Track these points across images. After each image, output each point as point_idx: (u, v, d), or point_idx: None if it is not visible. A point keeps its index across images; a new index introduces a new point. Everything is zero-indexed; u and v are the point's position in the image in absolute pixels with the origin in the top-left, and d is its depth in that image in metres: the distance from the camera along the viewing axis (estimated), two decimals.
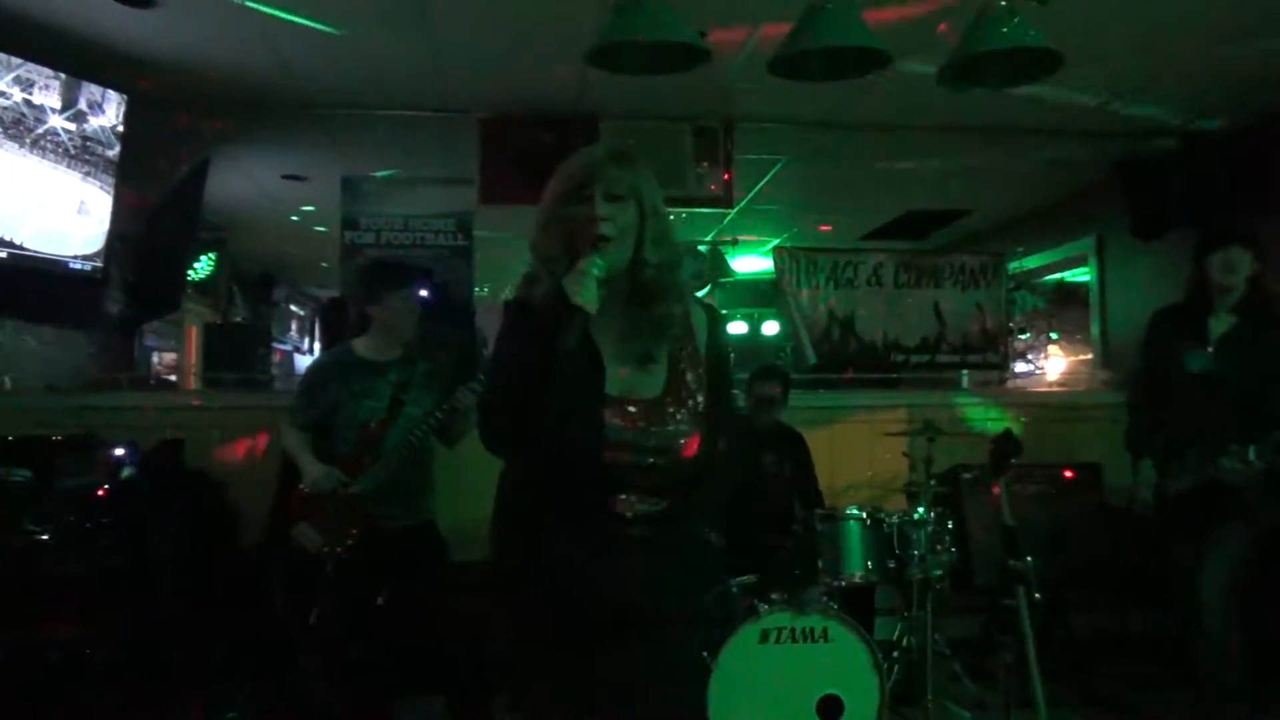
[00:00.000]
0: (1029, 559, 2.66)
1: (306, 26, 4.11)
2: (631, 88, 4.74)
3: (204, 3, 3.91)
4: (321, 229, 6.91)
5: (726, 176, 5.21)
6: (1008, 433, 2.86)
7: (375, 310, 3.34)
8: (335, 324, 4.53)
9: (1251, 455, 2.87)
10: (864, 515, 3.56)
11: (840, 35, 2.81)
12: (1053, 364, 8.29)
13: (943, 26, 3.92)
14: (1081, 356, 7.59)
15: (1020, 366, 7.28)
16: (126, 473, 4.13)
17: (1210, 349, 3.11)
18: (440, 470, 3.53)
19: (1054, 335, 7.77)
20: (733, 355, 2.00)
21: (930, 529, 3.58)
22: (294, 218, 7.18)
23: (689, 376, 1.80)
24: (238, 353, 6.99)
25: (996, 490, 2.80)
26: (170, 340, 8.19)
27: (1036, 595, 2.68)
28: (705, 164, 5.21)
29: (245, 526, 4.50)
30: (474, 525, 4.46)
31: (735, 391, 1.96)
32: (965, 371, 6.96)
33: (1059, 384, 7.07)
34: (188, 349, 8.00)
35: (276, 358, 9.14)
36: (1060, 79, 4.60)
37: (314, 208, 6.85)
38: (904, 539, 3.58)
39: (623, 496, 1.73)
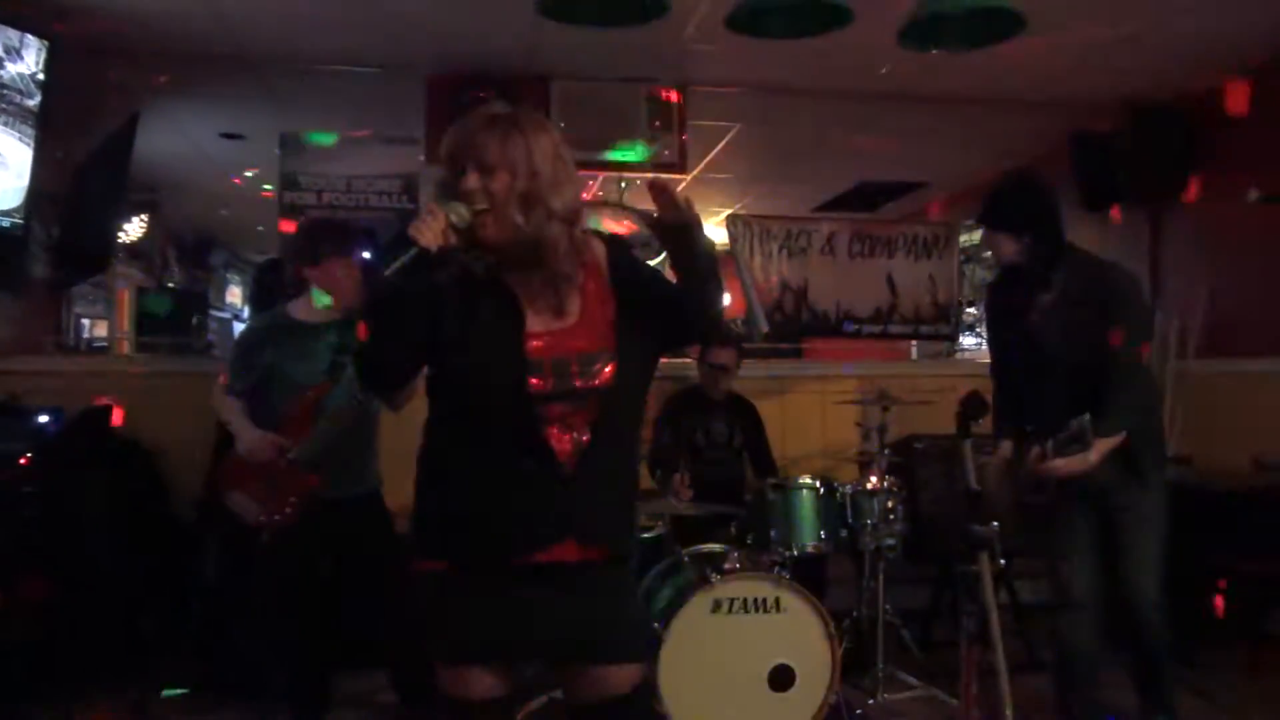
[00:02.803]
0: (995, 524, 2.59)
1: None
2: (584, 48, 4.64)
3: None
4: (267, 187, 6.68)
5: (683, 138, 5.11)
6: (974, 394, 2.76)
7: (314, 274, 3.19)
8: (271, 287, 4.35)
9: (1050, 449, 2.71)
10: (817, 485, 3.52)
11: None
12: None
13: None
14: None
15: (968, 340, 7.33)
16: (51, 439, 3.95)
17: (1033, 322, 2.92)
18: (384, 440, 3.41)
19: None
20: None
21: (883, 498, 3.56)
22: (233, 179, 6.93)
23: (597, 307, 1.79)
24: (172, 317, 6.76)
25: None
26: (100, 306, 7.90)
27: (1001, 561, 2.62)
28: (659, 128, 5.10)
29: (179, 496, 4.34)
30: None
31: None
32: (914, 343, 7.01)
33: None
34: (119, 314, 7.71)
35: (213, 324, 8.87)
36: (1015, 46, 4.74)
37: (253, 168, 6.61)
38: (856, 508, 3.56)
39: (552, 429, 1.72)
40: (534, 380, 1.70)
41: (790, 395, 5.09)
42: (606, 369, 1.74)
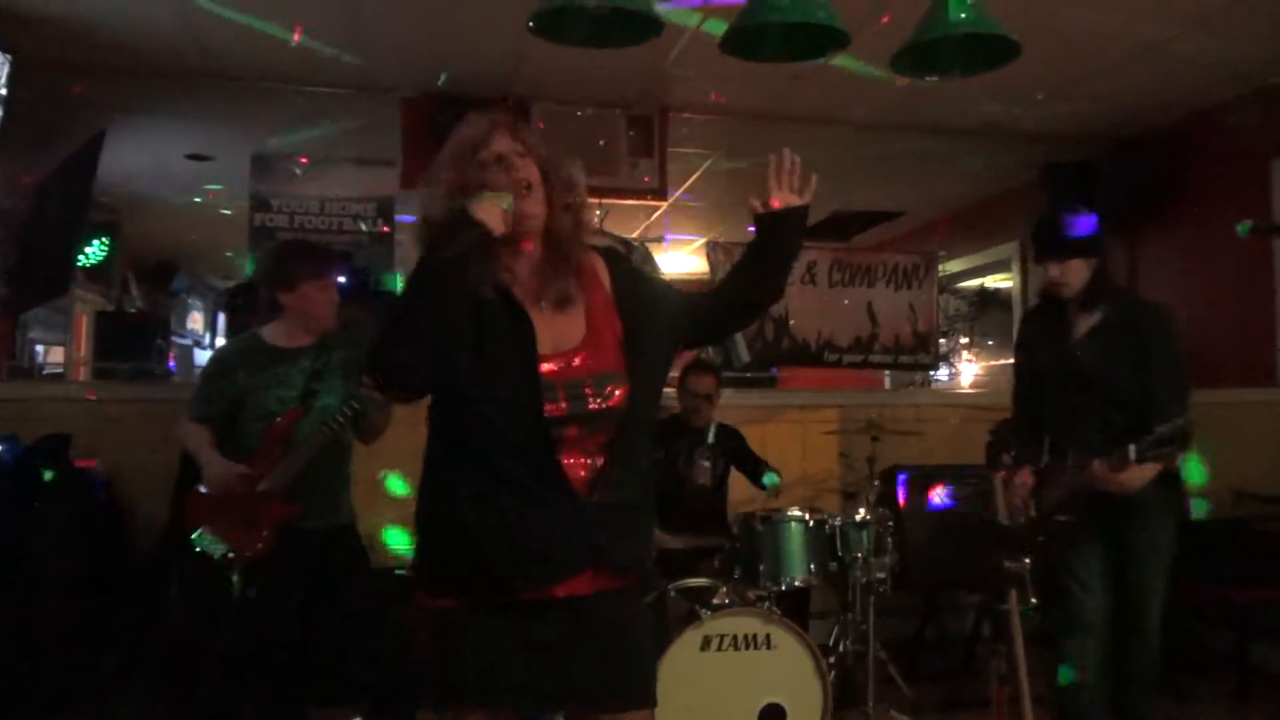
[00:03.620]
0: (1025, 560, 2.52)
1: None
2: (565, 71, 4.58)
3: None
4: (226, 211, 6.53)
5: (662, 166, 5.07)
6: (1005, 423, 2.73)
7: (289, 298, 3.07)
8: (242, 312, 4.22)
9: (1132, 454, 2.66)
10: (806, 517, 3.44)
11: (801, 11, 2.67)
12: (966, 369, 8.40)
13: (887, 17, 3.85)
14: (1001, 361, 7.70)
15: (939, 372, 7.34)
16: (4, 468, 3.77)
17: (1075, 347, 2.97)
18: (357, 474, 3.29)
19: (965, 339, 7.87)
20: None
21: (872, 530, 3.49)
22: (197, 199, 6.76)
23: (604, 324, 1.74)
24: (133, 342, 6.56)
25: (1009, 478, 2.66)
26: (57, 332, 7.66)
27: (1033, 600, 2.55)
28: (639, 154, 5.05)
29: (140, 527, 4.16)
30: (394, 530, 4.27)
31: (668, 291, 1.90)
32: (888, 373, 7.00)
33: (986, 386, 7.14)
34: (76, 339, 7.48)
35: (175, 351, 8.65)
36: (990, 81, 4.77)
37: (220, 189, 6.46)
38: (846, 540, 3.48)
39: (567, 454, 1.64)
40: (549, 405, 1.62)
41: (771, 424, 5.02)
42: (619, 390, 1.67)
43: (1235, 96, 4.91)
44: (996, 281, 7.29)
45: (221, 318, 7.06)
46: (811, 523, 3.43)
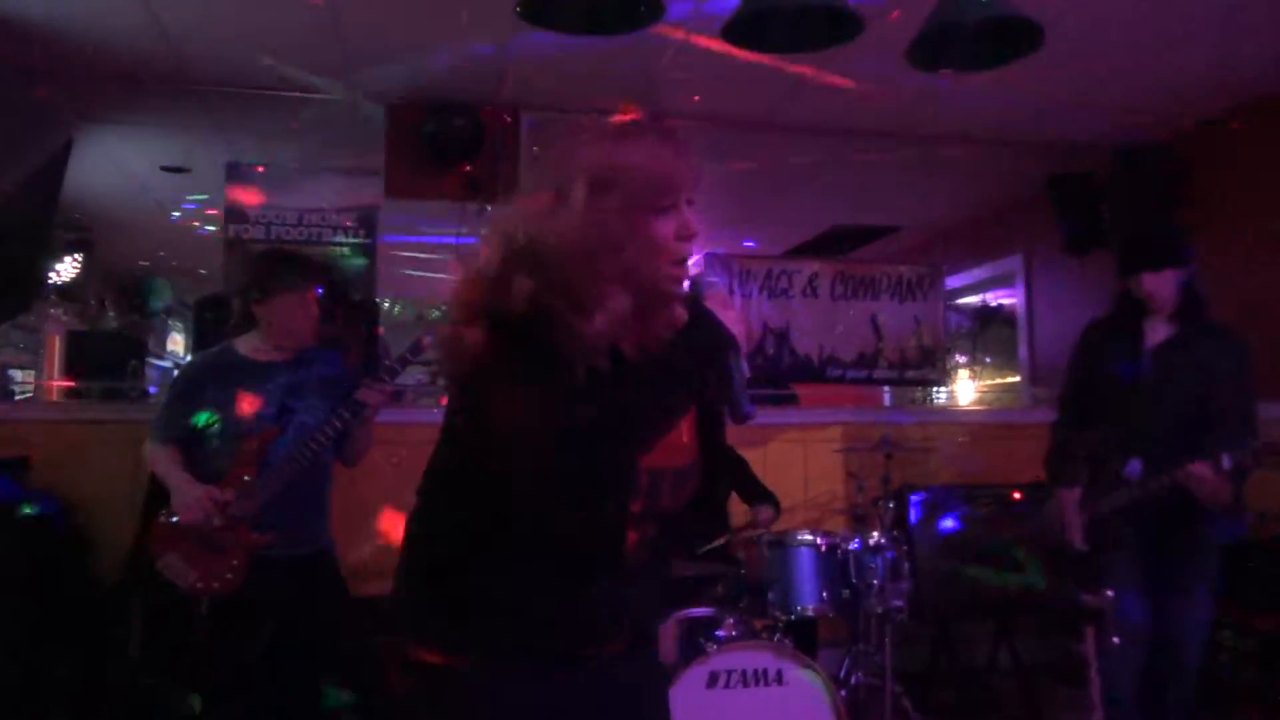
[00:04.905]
0: (1109, 593, 2.28)
1: None
2: (553, 76, 4.39)
3: None
4: (211, 228, 6.28)
5: None
6: (1069, 433, 2.56)
7: (264, 309, 2.85)
8: (212, 325, 3.98)
9: (1225, 462, 2.58)
10: (817, 540, 3.21)
11: None
12: (963, 386, 8.20)
13: (895, 14, 3.67)
14: (1003, 379, 7.51)
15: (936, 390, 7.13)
16: None
17: (1146, 358, 2.88)
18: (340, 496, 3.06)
19: (974, 359, 7.68)
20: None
21: (887, 555, 3.26)
22: (175, 214, 6.52)
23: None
24: (106, 363, 6.30)
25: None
26: (30, 354, 7.40)
27: (1114, 640, 2.31)
28: None
29: (102, 556, 3.90)
30: (373, 556, 4.03)
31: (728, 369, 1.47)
32: (887, 390, 6.79)
33: (987, 404, 6.93)
34: (48, 360, 7.21)
35: (154, 374, 8.38)
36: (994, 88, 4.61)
37: (197, 203, 6.23)
38: (860, 567, 3.25)
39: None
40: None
41: (771, 444, 4.80)
42: (692, 484, 1.45)
43: (1248, 102, 4.73)
44: (998, 299, 7.13)
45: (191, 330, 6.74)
46: (824, 547, 3.20)
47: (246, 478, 2.72)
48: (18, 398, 7.40)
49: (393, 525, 4.04)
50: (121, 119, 4.88)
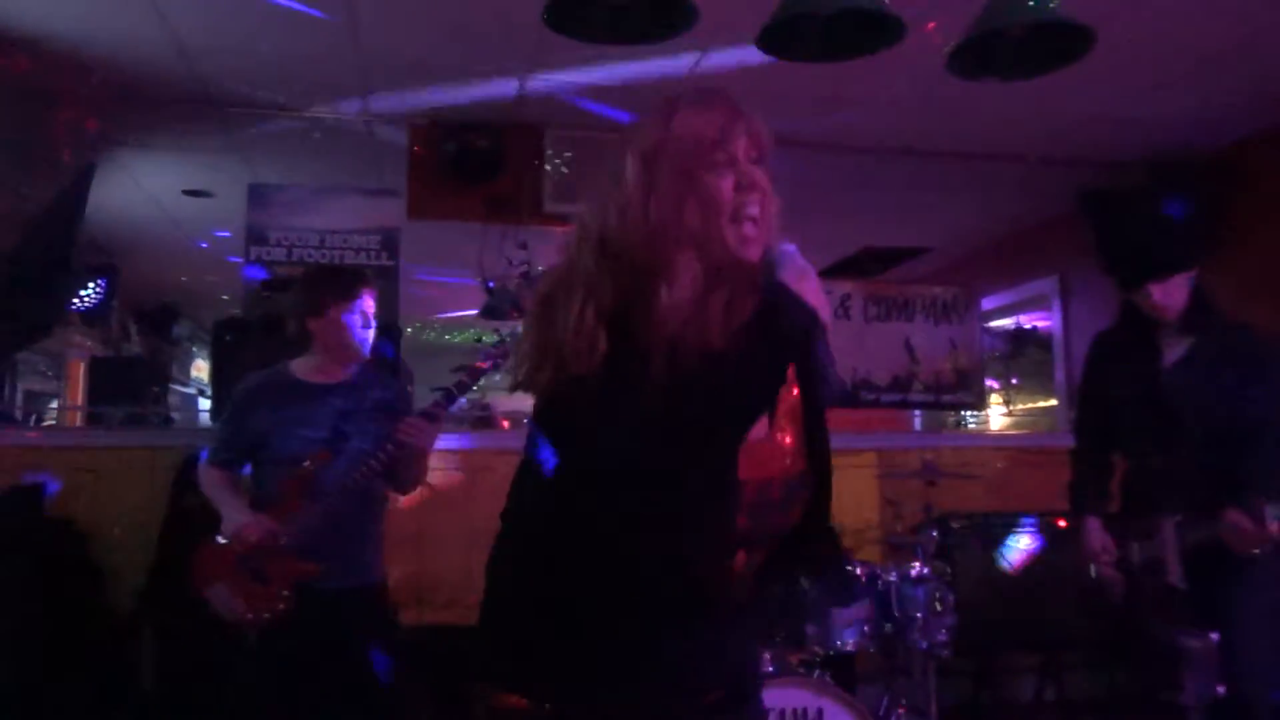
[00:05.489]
0: (1210, 635, 2.09)
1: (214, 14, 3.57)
2: (577, 93, 4.32)
3: None
4: (235, 260, 6.24)
5: None
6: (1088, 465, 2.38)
7: (317, 324, 2.75)
8: (230, 348, 3.90)
9: (1269, 518, 2.30)
10: (857, 571, 3.06)
11: None
12: (994, 411, 7.99)
13: (930, 25, 3.56)
14: (1038, 404, 7.32)
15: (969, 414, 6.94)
16: None
17: (1164, 379, 2.63)
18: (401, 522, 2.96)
19: (1006, 382, 7.50)
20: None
21: (930, 587, 3.10)
22: (203, 244, 6.50)
23: (786, 403, 1.35)
24: (129, 389, 6.27)
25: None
26: (50, 378, 7.38)
27: (1220, 690, 2.12)
28: None
29: (117, 584, 3.81)
30: (423, 582, 3.90)
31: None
32: (917, 413, 6.61)
33: (1021, 428, 6.75)
34: (70, 386, 7.19)
35: (175, 399, 8.36)
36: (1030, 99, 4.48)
37: (220, 229, 6.19)
38: (902, 599, 3.09)
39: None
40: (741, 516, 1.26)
41: None
42: (804, 495, 1.32)
43: None
44: (1032, 322, 6.95)
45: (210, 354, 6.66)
46: (864, 579, 3.04)
47: (297, 504, 2.62)
48: (45, 423, 7.40)
49: (424, 552, 3.93)
50: (144, 142, 4.86)
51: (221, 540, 2.63)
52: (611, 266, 1.23)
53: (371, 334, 2.81)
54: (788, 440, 1.32)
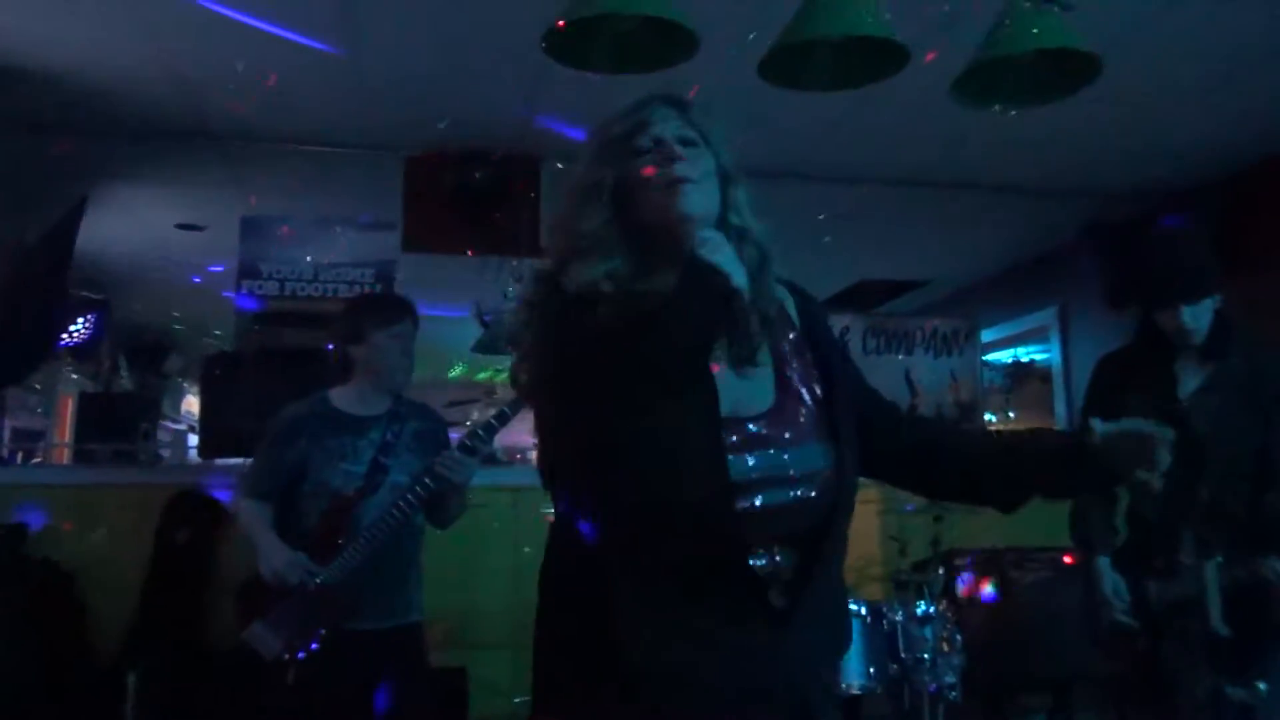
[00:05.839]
0: (1261, 686, 2.00)
1: (210, 44, 3.54)
2: (578, 125, 4.29)
3: (82, 6, 3.30)
4: (229, 294, 6.19)
5: None
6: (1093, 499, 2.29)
7: (359, 351, 2.68)
8: (221, 383, 3.83)
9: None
10: (862, 611, 2.98)
11: (847, 21, 2.34)
12: None
13: (931, 55, 3.54)
14: None
15: None
16: None
17: (1183, 408, 2.49)
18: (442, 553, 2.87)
19: (1004, 416, 7.45)
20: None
21: (938, 626, 3.02)
22: (196, 279, 6.43)
23: (798, 378, 1.34)
24: (118, 425, 6.19)
25: None
26: (40, 415, 7.29)
27: None
28: None
29: (103, 627, 3.71)
30: (456, 619, 3.79)
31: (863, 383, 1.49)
32: None
33: None
34: (60, 423, 7.09)
35: (166, 435, 8.26)
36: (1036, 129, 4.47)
37: (214, 263, 6.13)
38: (909, 639, 3.01)
39: (759, 552, 1.24)
40: (741, 493, 1.22)
41: None
42: (828, 471, 1.28)
43: None
44: (1030, 355, 6.91)
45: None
46: (869, 618, 2.96)
47: (335, 541, 2.53)
48: (33, 460, 7.29)
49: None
50: (137, 174, 4.81)
51: (258, 580, 2.53)
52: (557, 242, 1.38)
53: (410, 361, 2.74)
54: (796, 410, 1.32)
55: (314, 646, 2.48)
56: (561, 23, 2.29)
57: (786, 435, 1.28)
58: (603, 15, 2.28)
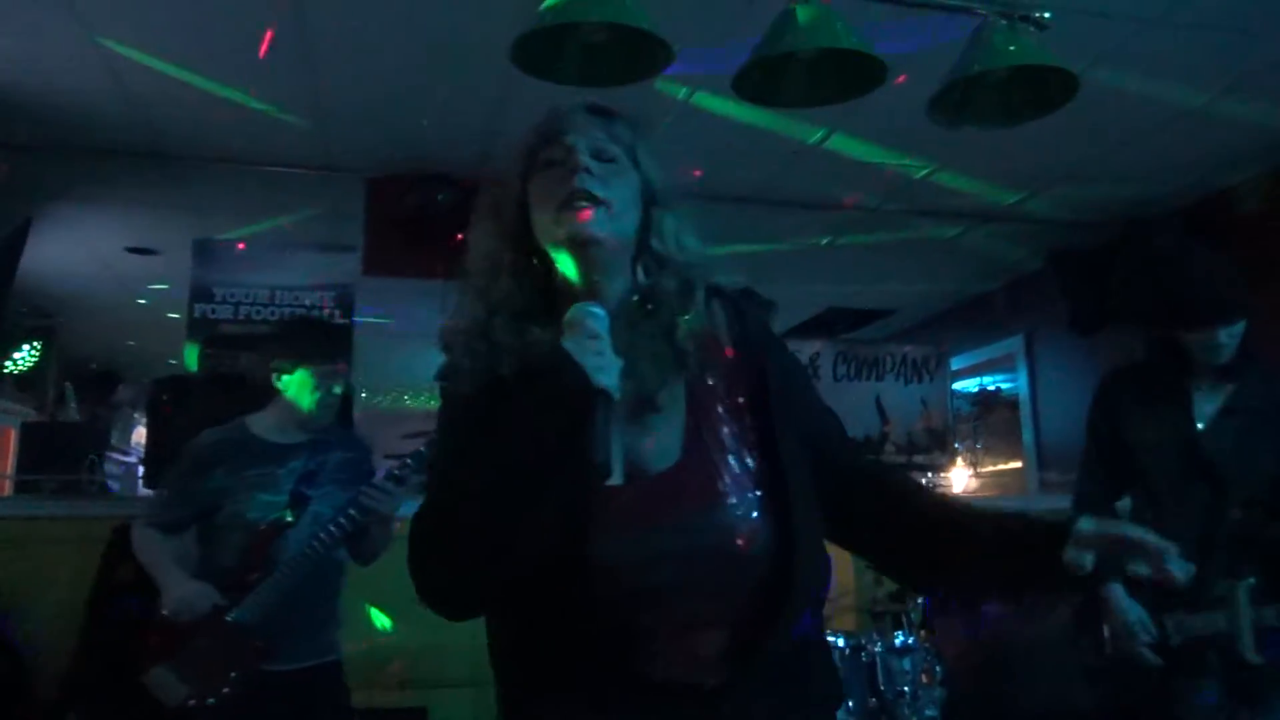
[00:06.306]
0: None
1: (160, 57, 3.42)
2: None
3: (27, 19, 3.17)
4: (175, 316, 6.00)
5: None
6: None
7: (284, 381, 2.56)
8: (168, 408, 3.67)
9: None
10: (840, 642, 2.88)
11: (824, 34, 2.29)
12: (958, 473, 7.90)
13: (902, 78, 3.52)
14: (1001, 465, 7.24)
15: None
16: None
17: (1203, 431, 2.45)
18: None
19: (973, 444, 7.44)
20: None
21: (919, 658, 2.93)
22: (142, 300, 6.24)
23: (717, 416, 1.16)
24: (64, 456, 5.93)
25: None
26: None
27: None
28: None
29: (39, 670, 3.50)
30: (379, 659, 3.63)
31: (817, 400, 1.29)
32: None
33: (988, 490, 6.65)
34: (1, 455, 6.82)
35: (116, 468, 7.98)
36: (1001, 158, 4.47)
37: (167, 287, 5.95)
38: (888, 671, 2.92)
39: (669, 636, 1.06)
40: (613, 573, 1.06)
41: None
42: (757, 530, 1.09)
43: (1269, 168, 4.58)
44: (996, 383, 6.91)
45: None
46: (847, 650, 2.87)
47: (250, 575, 2.39)
48: None
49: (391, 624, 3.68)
50: (86, 195, 4.64)
51: (164, 613, 2.40)
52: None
53: (337, 399, 2.63)
54: (701, 473, 1.14)
55: (225, 691, 2.34)
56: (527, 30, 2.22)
57: (687, 501, 1.09)
58: (572, 24, 2.20)
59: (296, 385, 2.54)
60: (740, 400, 1.18)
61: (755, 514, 1.10)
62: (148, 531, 2.52)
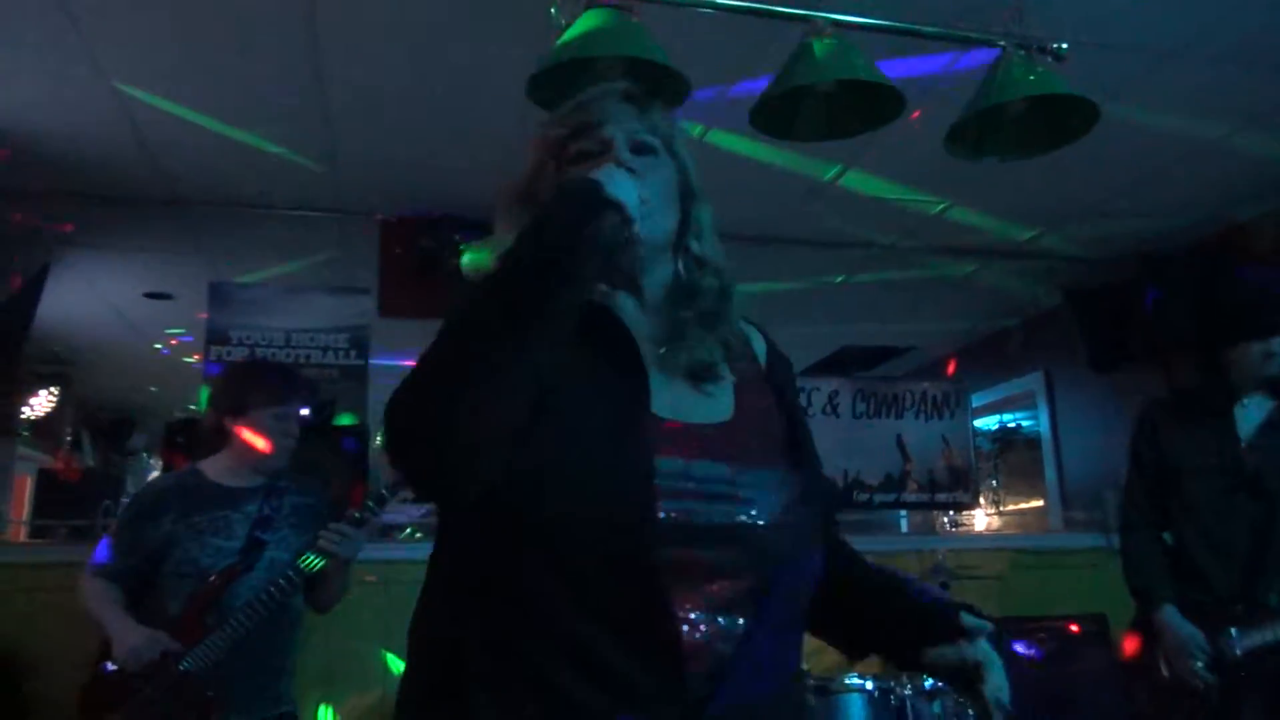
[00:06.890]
0: None
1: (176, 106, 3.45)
2: None
3: (46, 66, 3.20)
4: (190, 360, 6.00)
5: None
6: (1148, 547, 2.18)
7: (238, 425, 2.53)
8: (181, 450, 3.65)
9: None
10: (869, 686, 2.79)
11: (839, 67, 2.27)
12: (979, 513, 7.78)
13: (916, 113, 3.51)
14: (1022, 504, 7.13)
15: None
16: None
17: (1246, 449, 2.48)
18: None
19: (994, 482, 7.33)
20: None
21: (949, 701, 2.84)
22: (158, 345, 6.25)
23: (761, 406, 1.15)
24: (79, 503, 5.92)
25: None
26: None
27: None
28: None
29: (45, 714, 3.44)
30: (387, 702, 3.55)
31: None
32: (903, 514, 6.38)
33: (1016, 528, 6.53)
34: (16, 502, 6.80)
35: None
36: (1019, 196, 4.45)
37: (188, 335, 5.96)
38: (916, 714, 2.82)
39: (680, 601, 0.95)
40: (663, 499, 0.96)
41: None
42: (782, 504, 1.03)
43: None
44: (1015, 420, 6.82)
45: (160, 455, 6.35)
46: (875, 692, 2.78)
47: (202, 624, 2.34)
48: None
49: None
50: (102, 242, 4.67)
51: (111, 666, 2.33)
52: None
53: (293, 443, 2.58)
54: (750, 429, 1.13)
55: None
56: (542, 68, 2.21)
57: (741, 451, 1.05)
58: (588, 60, 2.19)
59: (247, 428, 2.51)
60: (773, 403, 1.17)
61: (783, 483, 1.07)
62: (95, 582, 2.46)
